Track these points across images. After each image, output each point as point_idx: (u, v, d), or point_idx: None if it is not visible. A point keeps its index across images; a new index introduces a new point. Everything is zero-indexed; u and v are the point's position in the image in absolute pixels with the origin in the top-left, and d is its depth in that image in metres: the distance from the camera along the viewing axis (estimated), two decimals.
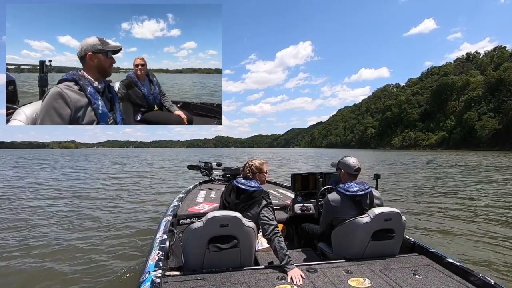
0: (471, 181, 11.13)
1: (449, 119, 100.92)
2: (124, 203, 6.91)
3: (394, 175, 13.28)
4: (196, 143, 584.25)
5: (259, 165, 2.08)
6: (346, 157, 2.26)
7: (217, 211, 1.78)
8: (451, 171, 15.32)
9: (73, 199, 7.47)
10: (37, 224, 4.99)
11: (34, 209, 6.21)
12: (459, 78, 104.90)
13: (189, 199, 3.64)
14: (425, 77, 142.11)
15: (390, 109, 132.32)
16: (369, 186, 2.10)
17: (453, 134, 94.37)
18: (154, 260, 1.74)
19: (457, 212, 5.85)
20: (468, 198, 7.42)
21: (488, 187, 9.36)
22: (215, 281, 1.59)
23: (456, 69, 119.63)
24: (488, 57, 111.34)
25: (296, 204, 2.84)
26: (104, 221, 5.22)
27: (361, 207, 2.01)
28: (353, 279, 1.62)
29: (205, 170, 5.24)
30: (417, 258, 1.92)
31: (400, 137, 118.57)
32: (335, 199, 2.08)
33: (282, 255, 1.76)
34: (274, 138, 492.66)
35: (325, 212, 2.19)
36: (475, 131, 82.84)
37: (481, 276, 1.60)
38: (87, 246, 3.95)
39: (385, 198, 7.08)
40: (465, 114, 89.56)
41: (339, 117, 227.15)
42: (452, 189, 9.04)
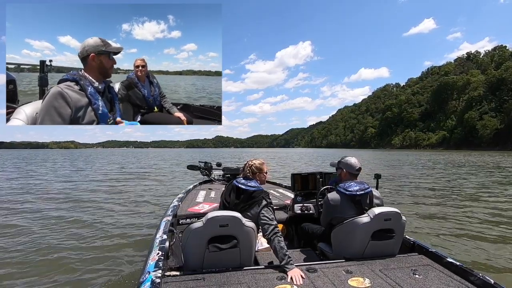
0: (489, 181, 10.67)
1: (450, 119, 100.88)
2: (124, 203, 6.91)
3: (405, 177, 12.35)
4: (195, 143, 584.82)
5: (259, 165, 2.08)
6: (346, 157, 2.27)
7: (217, 211, 1.79)
8: (462, 172, 14.65)
9: (73, 199, 7.47)
10: (37, 224, 4.99)
11: (35, 208, 6.22)
12: (459, 77, 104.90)
13: (189, 199, 3.64)
14: (425, 76, 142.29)
15: (391, 108, 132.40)
16: (369, 186, 2.11)
17: (454, 133, 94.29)
18: (154, 260, 1.74)
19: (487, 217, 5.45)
20: (495, 201, 6.95)
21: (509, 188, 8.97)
22: (215, 281, 1.59)
23: (457, 68, 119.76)
24: (488, 56, 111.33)
25: (296, 204, 2.85)
26: (103, 221, 5.22)
27: (360, 207, 2.02)
28: (353, 279, 1.62)
29: (205, 170, 5.25)
30: (417, 258, 1.92)
31: (400, 137, 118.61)
32: (335, 198, 2.10)
33: (282, 255, 1.76)
34: (274, 138, 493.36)
35: (324, 211, 2.20)
36: (477, 130, 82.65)
37: (481, 275, 1.60)
38: (87, 246, 3.95)
39: (400, 201, 6.88)
40: (466, 114, 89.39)
41: (339, 117, 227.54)
42: (475, 191, 8.47)
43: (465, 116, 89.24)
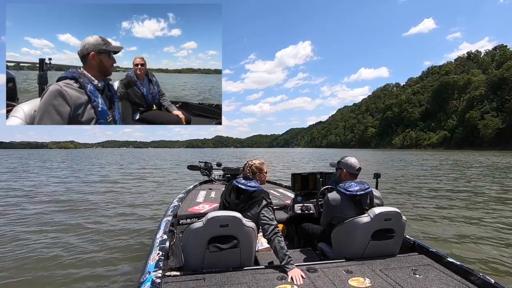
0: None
1: (451, 119, 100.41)
2: (123, 203, 6.92)
3: (416, 178, 11.56)
4: (195, 143, 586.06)
5: (259, 165, 2.09)
6: (346, 157, 2.28)
7: (217, 211, 1.79)
8: (474, 172, 14.16)
9: (72, 199, 7.48)
10: (36, 224, 5.00)
11: (34, 207, 6.23)
12: (460, 77, 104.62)
13: (189, 199, 3.65)
14: (426, 76, 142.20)
15: (391, 108, 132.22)
16: (369, 185, 2.12)
17: (455, 133, 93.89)
18: (154, 260, 1.75)
19: None
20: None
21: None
22: (215, 281, 1.60)
23: (457, 68, 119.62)
24: (489, 56, 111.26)
25: (296, 204, 2.85)
26: (103, 221, 5.23)
27: (361, 207, 2.02)
28: (353, 279, 1.63)
29: (205, 170, 5.25)
30: (417, 258, 1.93)
31: (401, 137, 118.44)
32: (335, 198, 2.10)
33: (282, 255, 1.77)
34: (274, 138, 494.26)
35: (325, 211, 2.20)
36: (478, 130, 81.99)
37: (481, 275, 1.61)
38: (87, 246, 3.96)
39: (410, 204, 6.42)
40: (467, 113, 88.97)
41: (338, 116, 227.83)
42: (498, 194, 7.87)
43: (467, 115, 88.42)
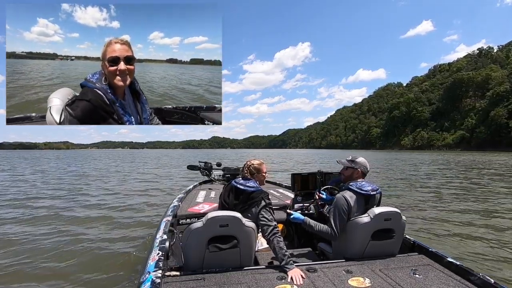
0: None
1: (469, 117, 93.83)
2: (123, 203, 7.00)
3: None
4: (191, 143, 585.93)
5: (257, 165, 2.12)
6: (357, 157, 2.26)
7: (217, 211, 1.84)
8: None
9: (71, 200, 7.55)
10: (35, 224, 5.06)
11: (32, 207, 6.32)
12: (477, 73, 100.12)
13: (189, 199, 3.71)
14: (433, 74, 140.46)
15: (398, 107, 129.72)
16: (378, 186, 2.15)
17: (475, 133, 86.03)
18: (154, 260, 1.80)
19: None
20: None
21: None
22: (215, 281, 1.65)
23: (469, 65, 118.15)
24: (504, 51, 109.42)
25: (296, 204, 2.91)
26: (103, 221, 5.32)
27: (368, 207, 2.04)
28: (353, 279, 1.68)
29: (205, 170, 5.33)
30: (417, 258, 1.98)
31: (411, 137, 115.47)
32: (353, 198, 2.05)
33: (281, 255, 1.81)
34: (271, 139, 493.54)
35: (341, 211, 2.04)
36: (507, 129, 72.66)
37: (481, 275, 1.66)
38: (87, 246, 4.03)
39: None
40: (492, 111, 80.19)
41: (338, 117, 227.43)
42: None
43: (491, 113, 79.54)
